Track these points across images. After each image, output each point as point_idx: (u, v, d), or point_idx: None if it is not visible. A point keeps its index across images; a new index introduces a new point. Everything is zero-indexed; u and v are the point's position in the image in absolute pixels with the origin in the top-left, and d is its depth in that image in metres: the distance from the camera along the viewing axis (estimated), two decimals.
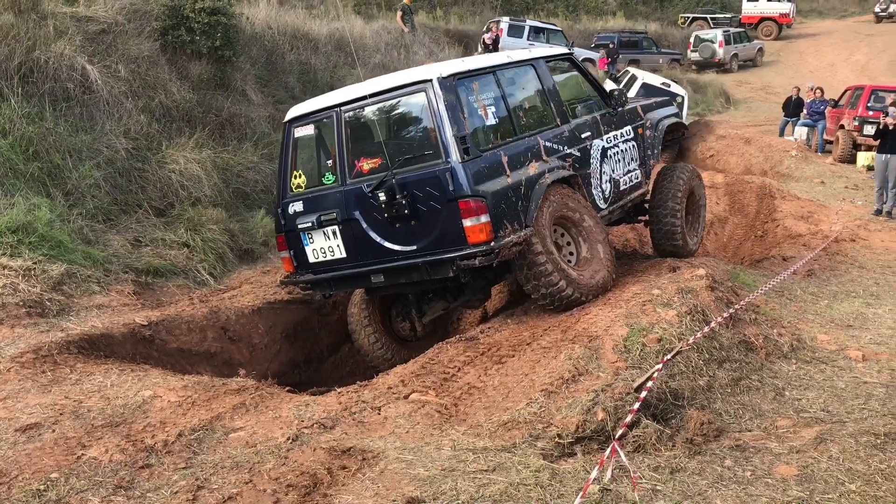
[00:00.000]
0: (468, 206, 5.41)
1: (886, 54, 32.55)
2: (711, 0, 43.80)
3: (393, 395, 4.87)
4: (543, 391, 4.63)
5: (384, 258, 5.85)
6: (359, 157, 5.95)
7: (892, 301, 7.77)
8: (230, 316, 6.84)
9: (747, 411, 4.80)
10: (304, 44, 12.67)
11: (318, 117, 6.20)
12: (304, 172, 6.30)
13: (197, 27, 9.76)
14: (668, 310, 5.65)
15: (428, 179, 5.53)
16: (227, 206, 8.60)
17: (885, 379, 5.35)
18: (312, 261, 6.21)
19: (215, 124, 9.51)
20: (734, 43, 32.08)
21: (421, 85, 5.68)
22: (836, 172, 16.66)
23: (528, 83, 6.65)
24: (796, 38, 38.81)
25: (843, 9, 48.42)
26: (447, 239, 5.55)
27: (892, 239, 11.06)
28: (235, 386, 5.14)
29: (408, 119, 5.95)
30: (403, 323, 7.07)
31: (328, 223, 5.99)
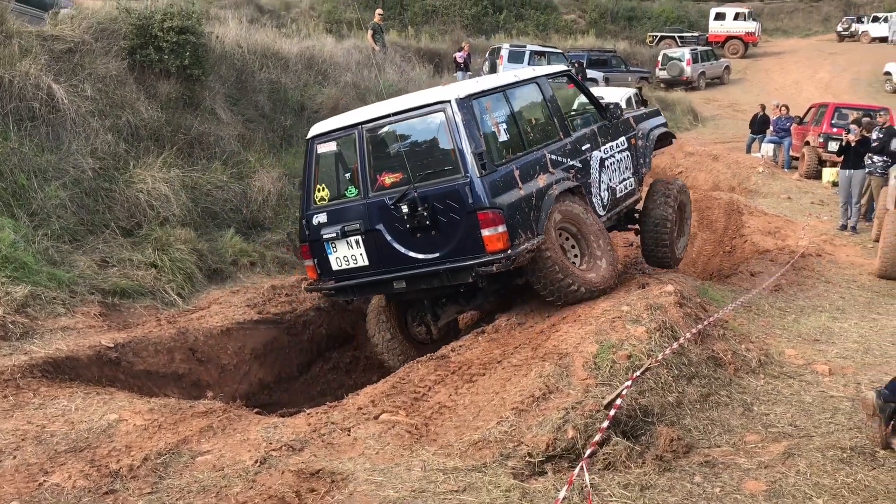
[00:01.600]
0: (487, 217, 5.84)
1: (849, 72, 33.23)
2: (679, 19, 44.50)
3: (363, 416, 4.83)
4: (514, 410, 4.63)
5: (405, 266, 6.22)
6: (380, 172, 6.34)
7: (858, 315, 7.88)
8: (198, 337, 6.76)
9: (716, 427, 4.82)
10: (275, 62, 12.62)
11: (340, 134, 6.59)
12: (327, 186, 6.68)
13: (165, 46, 9.70)
14: (638, 326, 5.68)
15: (448, 193, 5.95)
16: (196, 226, 8.52)
17: (851, 393, 5.40)
18: (336, 269, 6.56)
19: (184, 143, 9.43)
20: (702, 61, 32.58)
21: (440, 105, 6.10)
22: (803, 188, 16.92)
23: (533, 100, 7.16)
24: (762, 56, 39.50)
25: (807, 28, 49.39)
26: (466, 247, 5.97)
27: (857, 254, 11.23)
28: (203, 408, 5.07)
29: (428, 136, 6.30)
30: (419, 327, 7.46)
31: (351, 233, 6.36)
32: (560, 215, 6.56)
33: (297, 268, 9.06)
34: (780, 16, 52.20)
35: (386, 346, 7.21)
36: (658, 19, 43.94)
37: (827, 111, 18.47)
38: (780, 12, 52.88)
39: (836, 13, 49.95)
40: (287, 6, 33.02)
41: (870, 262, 10.47)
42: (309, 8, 33.86)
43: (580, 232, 6.84)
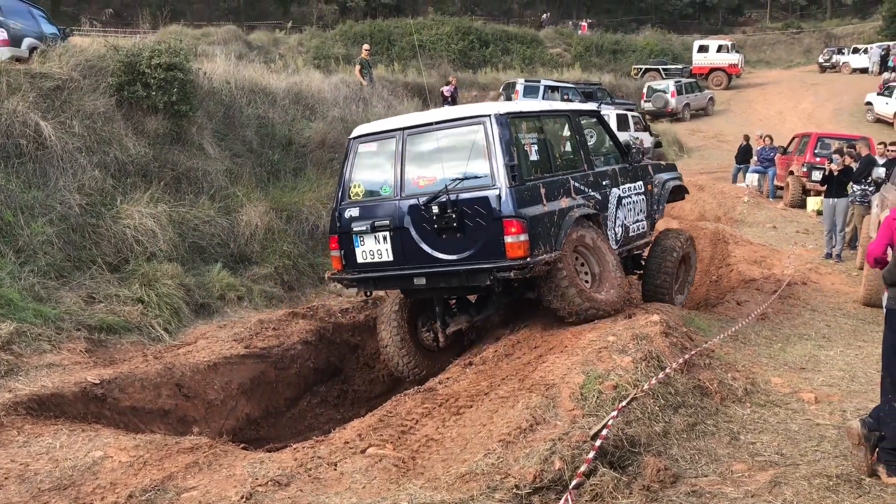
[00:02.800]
0: (511, 224, 6.20)
1: (831, 103, 33.68)
2: (663, 52, 45.10)
3: (350, 450, 4.81)
4: (501, 441, 4.62)
5: (428, 264, 6.56)
6: (415, 175, 6.75)
7: (844, 343, 7.93)
8: (185, 372, 6.73)
9: (703, 456, 4.82)
10: (262, 98, 12.72)
11: (382, 137, 7.02)
12: (362, 183, 7.06)
13: (153, 82, 9.77)
14: (624, 356, 5.69)
15: (478, 199, 6.33)
16: (183, 261, 8.53)
17: (837, 420, 5.42)
18: (360, 261, 6.90)
19: (171, 178, 9.47)
20: (686, 93, 32.96)
21: (480, 118, 6.54)
22: (788, 217, 17.07)
23: (563, 130, 7.71)
24: (745, 87, 40.00)
25: (789, 59, 50.15)
26: (488, 252, 6.30)
27: (842, 281, 11.32)
28: (189, 444, 5.04)
29: (465, 146, 6.63)
30: (428, 333, 7.70)
31: (381, 229, 6.73)
32: (577, 236, 6.91)
33: (285, 301, 9.08)
34: (763, 47, 53.02)
35: (395, 351, 7.47)
36: (642, 52, 44.50)
37: (810, 141, 18.70)
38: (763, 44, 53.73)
39: (817, 45, 50.77)
40: (275, 42, 33.35)
41: (854, 290, 10.55)
42: (297, 44, 34.18)
43: (594, 255, 7.17)
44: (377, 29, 40.19)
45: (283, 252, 9.48)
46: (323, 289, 9.60)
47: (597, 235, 7.25)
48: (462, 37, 39.61)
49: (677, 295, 8.69)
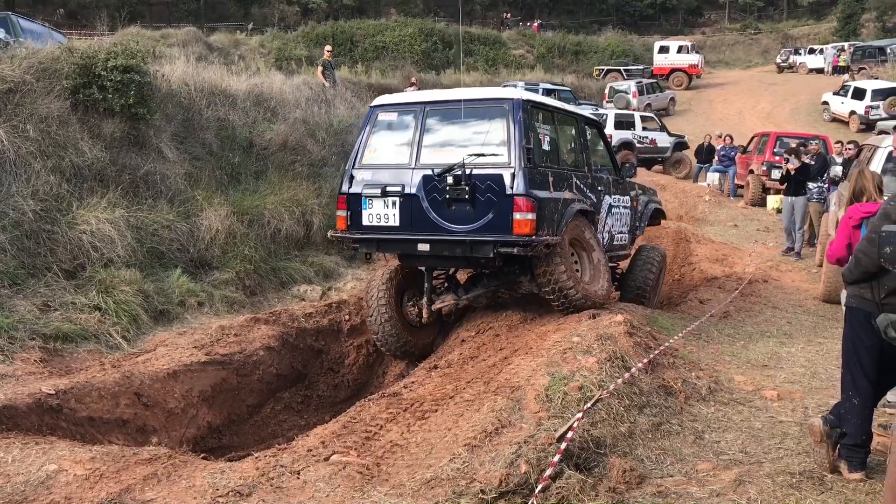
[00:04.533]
0: (521, 202, 6.51)
1: (789, 102, 34.23)
2: (624, 53, 45.49)
3: (313, 458, 4.73)
4: (467, 446, 4.57)
5: (434, 232, 6.83)
6: (432, 147, 7.04)
7: (804, 339, 8.03)
8: (144, 380, 6.56)
9: (668, 456, 4.82)
10: (223, 100, 12.53)
11: (404, 109, 7.34)
12: (378, 150, 7.31)
13: (109, 85, 9.56)
14: (589, 357, 5.69)
15: (492, 176, 6.63)
16: (142, 267, 8.34)
17: (799, 417, 5.47)
18: (366, 224, 7.14)
19: (129, 183, 9.27)
20: (647, 93, 33.27)
21: (504, 101, 6.89)
22: (748, 215, 17.30)
23: (572, 131, 8.13)
24: (705, 87, 40.51)
25: (748, 60, 50.89)
26: (495, 226, 6.61)
27: (802, 279, 11.47)
28: (147, 455, 4.91)
29: (485, 125, 6.95)
30: (413, 308, 7.95)
31: (392, 194, 6.97)
32: (575, 228, 7.27)
33: (247, 307, 8.95)
34: (722, 48, 53.75)
35: (380, 323, 7.69)
36: (604, 53, 44.86)
37: (769, 140, 18.97)
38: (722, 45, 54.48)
39: (774, 45, 51.62)
40: (236, 44, 32.99)
41: (814, 287, 10.70)
42: (258, 45, 33.87)
43: (586, 249, 7.54)
44: (339, 30, 40.03)
45: (245, 256, 9.33)
46: (286, 293, 9.48)
47: (591, 232, 7.66)
48: (425, 38, 39.57)
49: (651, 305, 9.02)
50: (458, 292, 7.88)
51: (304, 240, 10.66)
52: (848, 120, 28.78)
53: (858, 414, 4.32)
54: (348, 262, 10.85)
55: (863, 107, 27.79)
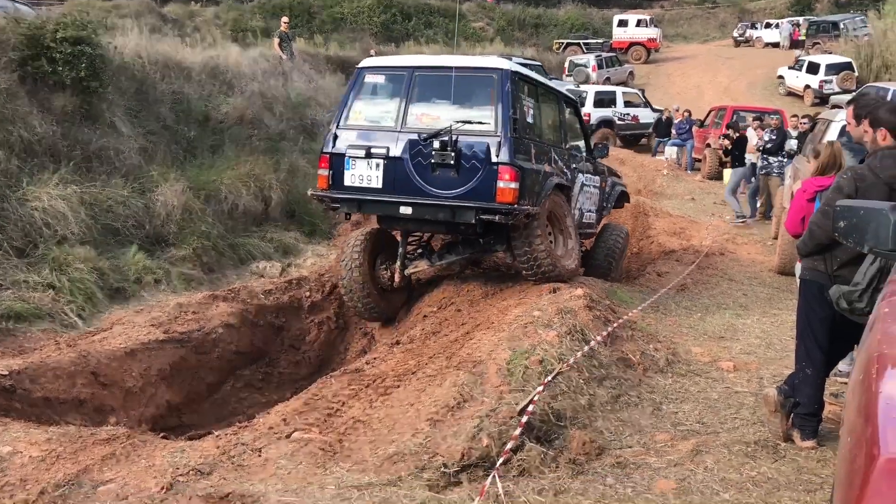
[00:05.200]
0: (506, 171, 6.61)
1: (745, 76, 34.59)
2: (584, 26, 45.48)
3: (274, 435, 4.70)
4: (429, 421, 4.58)
5: (416, 195, 6.87)
6: (419, 112, 7.09)
7: (760, 311, 8.18)
8: (101, 359, 6.46)
9: (627, 427, 4.90)
10: (177, 73, 12.28)
11: (392, 72, 7.42)
12: (363, 111, 7.34)
13: (59, 57, 9.29)
14: (549, 331, 5.73)
15: (479, 143, 6.72)
16: (96, 244, 8.17)
17: (755, 388, 5.59)
18: (347, 184, 7.12)
19: (82, 158, 9.05)
20: (606, 67, 33.36)
21: (493, 71, 6.97)
22: (705, 189, 17.51)
23: (552, 107, 8.24)
24: (664, 61, 40.72)
25: (706, 33, 51.20)
26: (478, 192, 6.68)
27: (757, 251, 11.67)
28: (105, 435, 4.84)
29: (474, 93, 7.09)
30: (385, 272, 8.02)
31: (376, 156, 6.97)
32: (553, 201, 7.40)
33: (205, 284, 8.84)
34: (680, 22, 53.96)
35: (352, 284, 7.74)
36: (563, 26, 44.80)
37: (726, 114, 19.17)
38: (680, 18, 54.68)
39: (731, 20, 51.95)
40: (191, 15, 32.28)
41: (769, 259, 10.89)
42: (214, 17, 33.17)
43: (561, 223, 7.68)
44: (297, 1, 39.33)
45: (202, 233, 9.20)
46: (245, 270, 9.39)
47: (566, 207, 7.83)
48: (385, 9, 39.13)
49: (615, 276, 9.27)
50: (433, 258, 7.99)
51: (263, 215, 10.54)
52: (803, 94, 29.21)
53: (812, 384, 4.42)
54: (308, 237, 10.77)
55: (817, 81, 28.21)
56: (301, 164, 11.75)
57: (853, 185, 4.08)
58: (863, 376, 1.86)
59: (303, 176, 11.47)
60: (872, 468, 1.51)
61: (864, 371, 1.87)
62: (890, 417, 1.60)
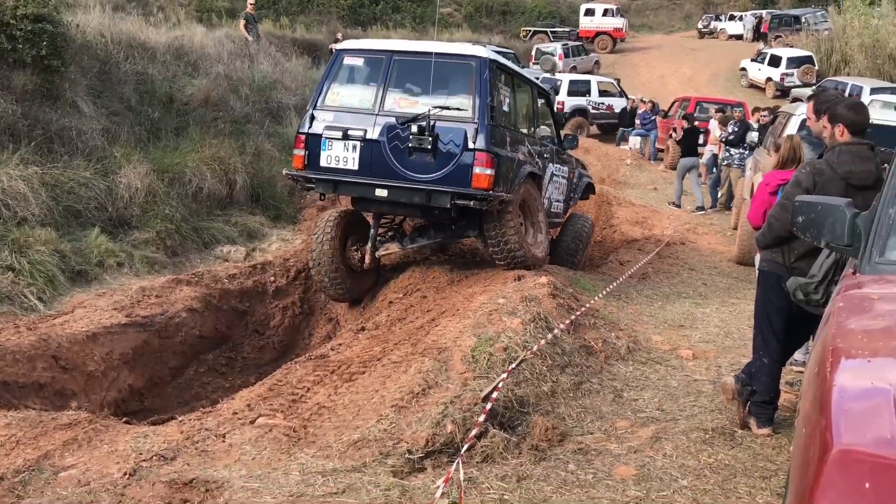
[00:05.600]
0: (482, 157, 6.75)
1: (709, 68, 34.98)
2: (551, 14, 45.58)
3: (238, 421, 4.71)
4: (394, 407, 4.62)
5: (392, 178, 6.97)
6: (397, 96, 7.21)
7: (719, 300, 8.34)
8: (62, 343, 6.38)
9: (589, 414, 4.99)
10: (141, 53, 12.09)
11: (370, 56, 7.51)
12: (341, 93, 7.42)
13: (19, 35, 9.09)
14: (514, 318, 5.79)
15: (456, 129, 6.85)
16: (58, 226, 8.05)
17: (713, 376, 5.72)
18: (324, 165, 7.19)
19: (43, 139, 8.88)
20: (573, 56, 33.51)
21: (472, 59, 7.11)
22: (668, 179, 17.70)
23: (526, 96, 8.41)
24: (629, 51, 41.00)
25: (671, 24, 51.61)
26: (454, 178, 6.81)
27: (717, 241, 11.87)
28: (66, 420, 4.81)
29: (452, 80, 7.22)
30: (356, 253, 8.10)
31: (353, 138, 7.05)
32: (525, 190, 7.54)
33: (168, 267, 8.76)
34: (646, 12, 54.29)
35: (323, 264, 7.80)
36: (531, 14, 44.85)
37: (689, 105, 19.39)
38: (646, 9, 55.01)
39: (696, 11, 52.38)
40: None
41: (729, 250, 11.09)
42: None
43: (532, 211, 7.83)
44: None
45: (166, 216, 9.09)
46: (208, 254, 9.31)
47: (538, 195, 7.99)
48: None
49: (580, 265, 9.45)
50: (404, 242, 8.12)
51: (227, 199, 10.45)
52: (765, 86, 29.63)
53: (768, 372, 4.54)
54: (273, 222, 10.71)
55: (778, 74, 28.64)
56: (266, 148, 11.66)
57: (811, 180, 4.19)
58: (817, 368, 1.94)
59: (268, 159, 11.39)
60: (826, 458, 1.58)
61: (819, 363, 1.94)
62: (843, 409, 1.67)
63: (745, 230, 10.06)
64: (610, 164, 18.70)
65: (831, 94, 5.20)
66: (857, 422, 1.65)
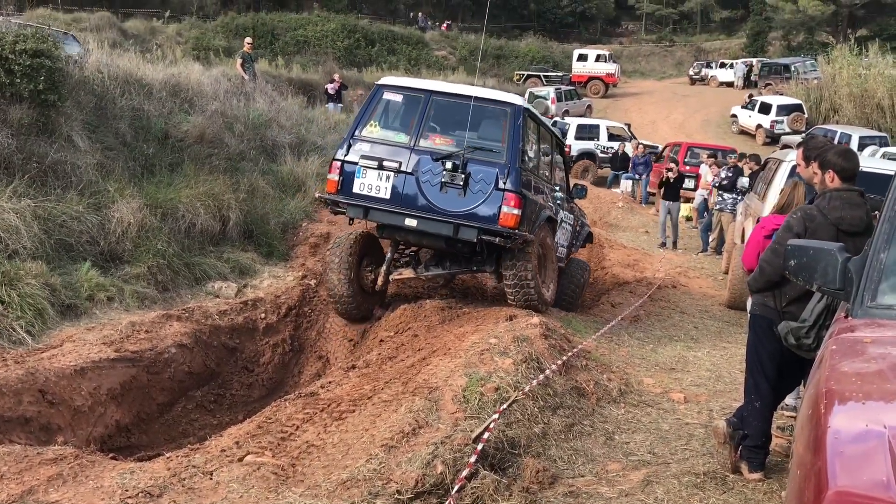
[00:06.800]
0: (511, 197, 7.19)
1: (700, 114, 35.42)
2: (544, 59, 46.22)
3: (226, 458, 4.66)
4: (384, 446, 4.58)
5: (422, 210, 7.37)
6: (433, 132, 7.73)
7: (710, 344, 8.34)
8: (49, 377, 6.31)
9: (580, 457, 4.95)
10: (137, 89, 12.15)
11: (410, 93, 7.97)
12: (379, 125, 7.86)
13: (17, 69, 9.14)
14: (505, 358, 5.78)
15: (488, 168, 7.31)
16: (49, 259, 8.01)
17: (705, 419, 5.70)
18: (356, 191, 7.59)
19: (37, 172, 8.87)
20: (566, 100, 33.93)
21: (508, 105, 7.65)
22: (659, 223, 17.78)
23: (548, 145, 9.00)
24: (621, 96, 41.54)
25: (662, 71, 52.42)
26: (482, 215, 7.26)
27: (708, 285, 11.90)
28: (52, 455, 4.74)
29: (487, 123, 7.81)
30: (370, 274, 8.46)
31: (388, 169, 7.47)
32: (544, 232, 8.03)
33: (159, 302, 8.70)
34: (638, 58, 55.18)
35: (338, 280, 8.12)
36: (524, 58, 45.49)
37: (681, 150, 19.59)
38: (638, 55, 55.92)
39: (688, 58, 53.32)
40: (153, 31, 32.09)
41: (720, 294, 11.12)
42: (175, 34, 32.99)
43: (546, 254, 8.21)
44: (260, 22, 39.40)
45: (158, 251, 9.06)
46: (200, 290, 9.27)
47: (552, 239, 8.47)
48: (348, 34, 39.32)
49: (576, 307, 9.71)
50: (418, 269, 8.43)
51: (220, 235, 10.43)
52: (755, 133, 30.00)
53: (759, 417, 4.53)
54: (265, 259, 10.68)
55: (769, 121, 29.02)
56: (261, 185, 11.68)
57: (803, 225, 4.22)
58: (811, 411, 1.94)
59: (262, 197, 11.41)
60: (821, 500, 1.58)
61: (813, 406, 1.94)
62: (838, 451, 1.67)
63: (736, 274, 10.11)
64: (602, 206, 18.80)
65: (820, 140, 5.26)
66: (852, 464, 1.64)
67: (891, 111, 27.23)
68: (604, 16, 62.54)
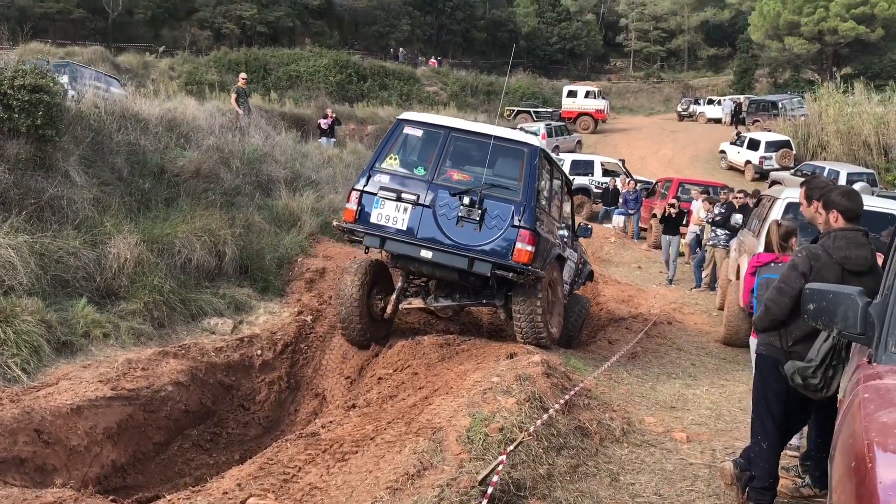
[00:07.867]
0: (526, 234, 7.42)
1: (689, 150, 35.76)
2: (534, 95, 46.68)
3: (228, 501, 4.59)
4: (388, 489, 4.53)
5: (438, 242, 7.55)
6: (452, 168, 7.92)
7: (708, 381, 8.33)
8: (45, 416, 6.23)
9: (586, 498, 4.91)
10: (134, 124, 12.18)
11: (430, 129, 8.17)
12: (399, 158, 8.05)
13: (16, 104, 9.15)
14: (508, 397, 5.75)
15: (504, 206, 7.56)
16: (45, 295, 7.95)
17: (708, 459, 5.67)
18: (373, 221, 7.79)
19: (34, 207, 8.84)
20: (556, 136, 34.19)
21: (526, 146, 7.89)
22: (651, 258, 17.89)
23: (559, 186, 9.25)
24: (611, 132, 41.92)
25: (651, 107, 53.02)
26: (497, 250, 7.47)
27: (704, 321, 11.92)
28: (51, 498, 4.67)
29: (505, 161, 8.00)
30: (379, 302, 8.63)
31: (406, 201, 7.69)
32: (552, 269, 8.22)
33: (155, 339, 8.63)
34: (627, 95, 55.84)
35: (350, 307, 8.24)
36: (515, 94, 45.92)
37: (672, 186, 19.75)
38: (627, 91, 56.59)
39: (675, 94, 53.99)
40: (145, 66, 32.22)
41: (716, 330, 11.13)
42: (168, 68, 33.15)
43: (553, 291, 8.40)
44: (253, 57, 39.69)
45: (154, 287, 9.01)
46: (196, 326, 9.21)
47: (560, 276, 8.68)
48: (340, 70, 39.63)
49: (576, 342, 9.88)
50: (428, 299, 8.56)
51: (216, 270, 10.39)
52: (744, 169, 30.28)
53: (767, 458, 4.51)
54: (261, 294, 10.64)
55: (757, 157, 29.32)
56: (256, 220, 11.67)
57: (808, 264, 4.24)
58: (855, 464, 1.92)
59: (258, 232, 11.39)
60: None
61: (856, 458, 1.92)
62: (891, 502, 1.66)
63: (731, 311, 10.13)
64: (594, 241, 18.87)
65: (822, 180, 5.32)
66: None
67: (877, 148, 27.57)
68: (592, 53, 63.37)
